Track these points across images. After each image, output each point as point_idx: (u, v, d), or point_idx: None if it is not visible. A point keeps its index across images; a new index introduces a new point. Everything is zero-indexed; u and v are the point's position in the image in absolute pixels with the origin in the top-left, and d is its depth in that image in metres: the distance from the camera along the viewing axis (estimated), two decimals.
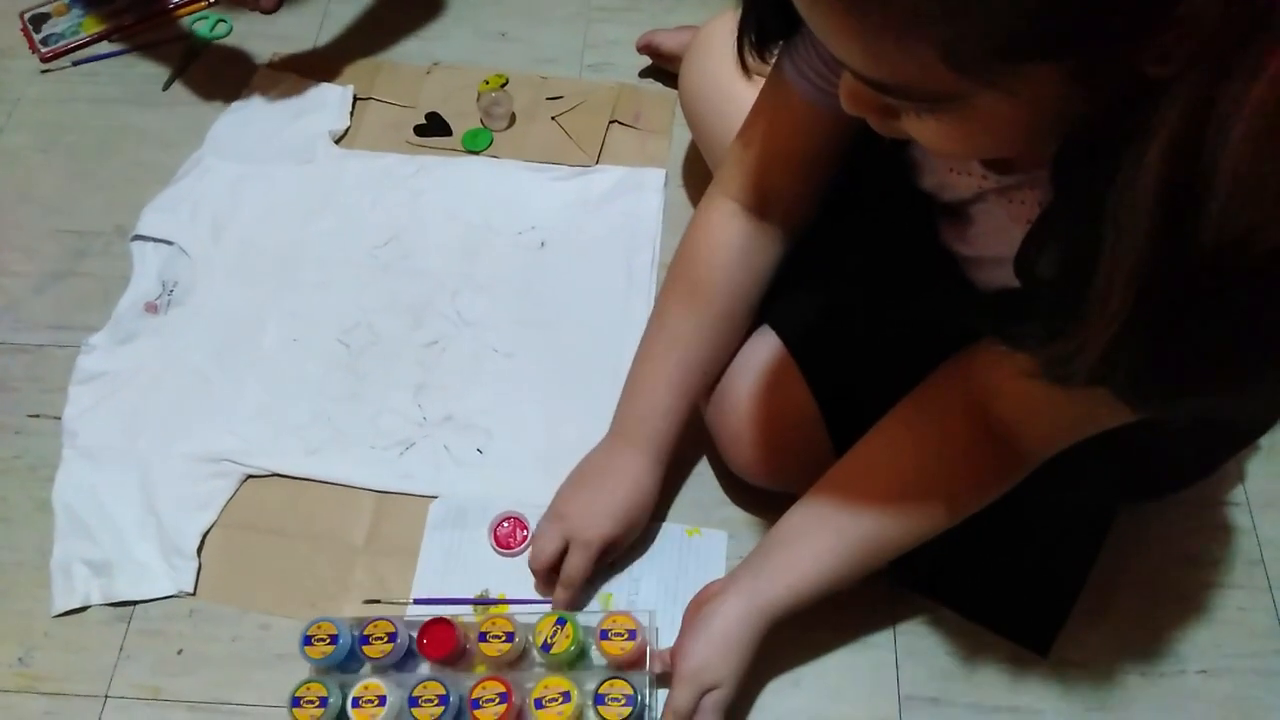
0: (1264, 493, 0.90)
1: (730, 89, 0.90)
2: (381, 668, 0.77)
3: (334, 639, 0.76)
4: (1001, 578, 0.82)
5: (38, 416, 0.94)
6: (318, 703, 0.74)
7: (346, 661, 0.77)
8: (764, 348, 0.81)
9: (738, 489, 0.89)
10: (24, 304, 1.02)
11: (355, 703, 0.72)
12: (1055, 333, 0.46)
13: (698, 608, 0.75)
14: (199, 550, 0.86)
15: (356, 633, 0.77)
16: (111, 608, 0.84)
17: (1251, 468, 0.91)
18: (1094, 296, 0.42)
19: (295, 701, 0.74)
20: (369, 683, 0.73)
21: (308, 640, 0.76)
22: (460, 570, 0.85)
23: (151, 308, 1.00)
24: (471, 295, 1.01)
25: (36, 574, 0.85)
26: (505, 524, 0.86)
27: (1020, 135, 0.45)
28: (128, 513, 0.88)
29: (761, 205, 0.77)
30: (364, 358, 0.97)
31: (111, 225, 1.07)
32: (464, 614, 0.80)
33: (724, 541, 0.86)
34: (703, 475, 0.91)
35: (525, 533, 0.85)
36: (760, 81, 0.87)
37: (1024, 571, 0.83)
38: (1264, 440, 0.87)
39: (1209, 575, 0.86)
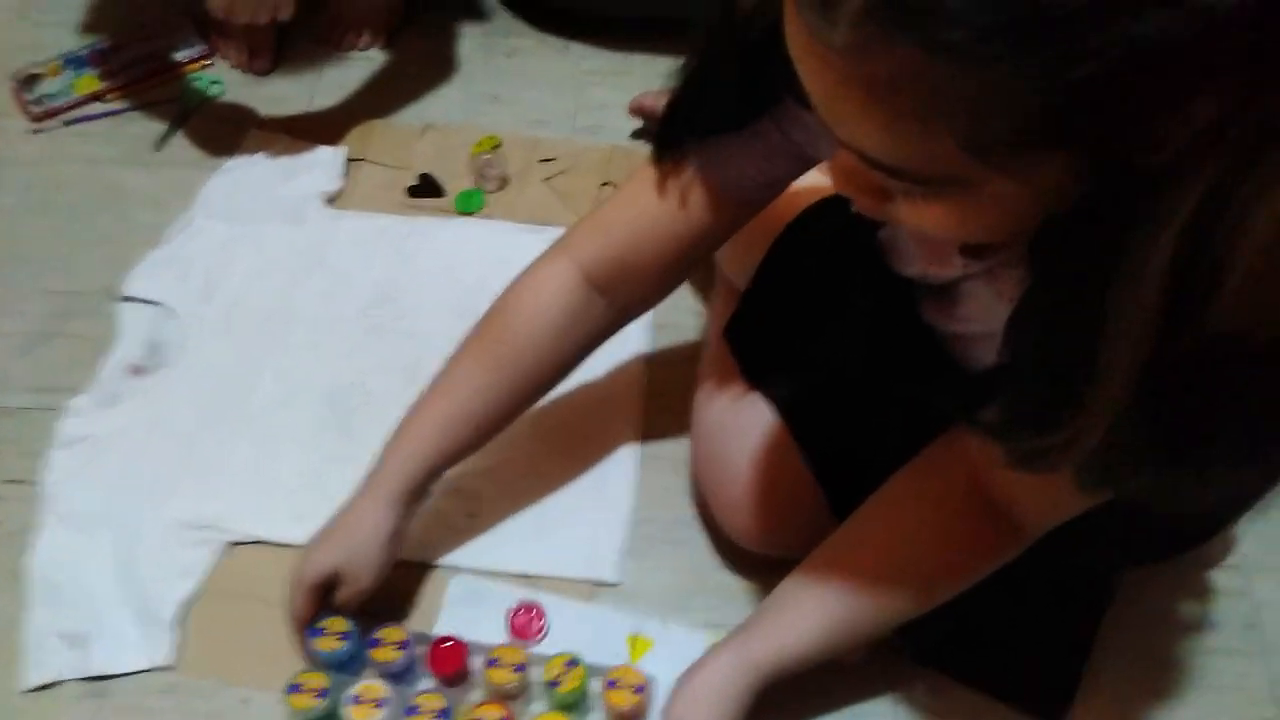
0: (1256, 554, 0.90)
1: None
2: (383, 673, 0.77)
3: (344, 635, 0.77)
4: (1008, 647, 0.81)
5: (17, 482, 0.92)
6: (316, 692, 0.74)
7: (349, 662, 0.77)
8: (757, 416, 0.81)
9: (734, 554, 0.87)
10: (7, 365, 1.00)
11: (354, 699, 0.73)
12: (1047, 423, 0.46)
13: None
14: (180, 621, 0.84)
15: (367, 635, 0.78)
16: (86, 683, 0.81)
17: (1243, 529, 0.91)
18: (1089, 386, 0.42)
19: (293, 688, 0.74)
20: (370, 684, 0.74)
21: (318, 632, 0.77)
22: None
23: (137, 370, 0.99)
24: None
25: (9, 647, 0.82)
26: (521, 613, 0.83)
27: (1015, 220, 0.45)
28: (106, 582, 0.85)
29: (611, 284, 0.73)
30: (356, 419, 0.96)
31: (100, 286, 1.06)
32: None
33: None
34: (695, 540, 0.90)
35: (542, 623, 0.83)
36: None
37: (1030, 640, 0.82)
38: None
39: (1206, 641, 0.85)
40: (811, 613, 0.71)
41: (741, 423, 0.82)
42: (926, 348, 0.71)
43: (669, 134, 0.66)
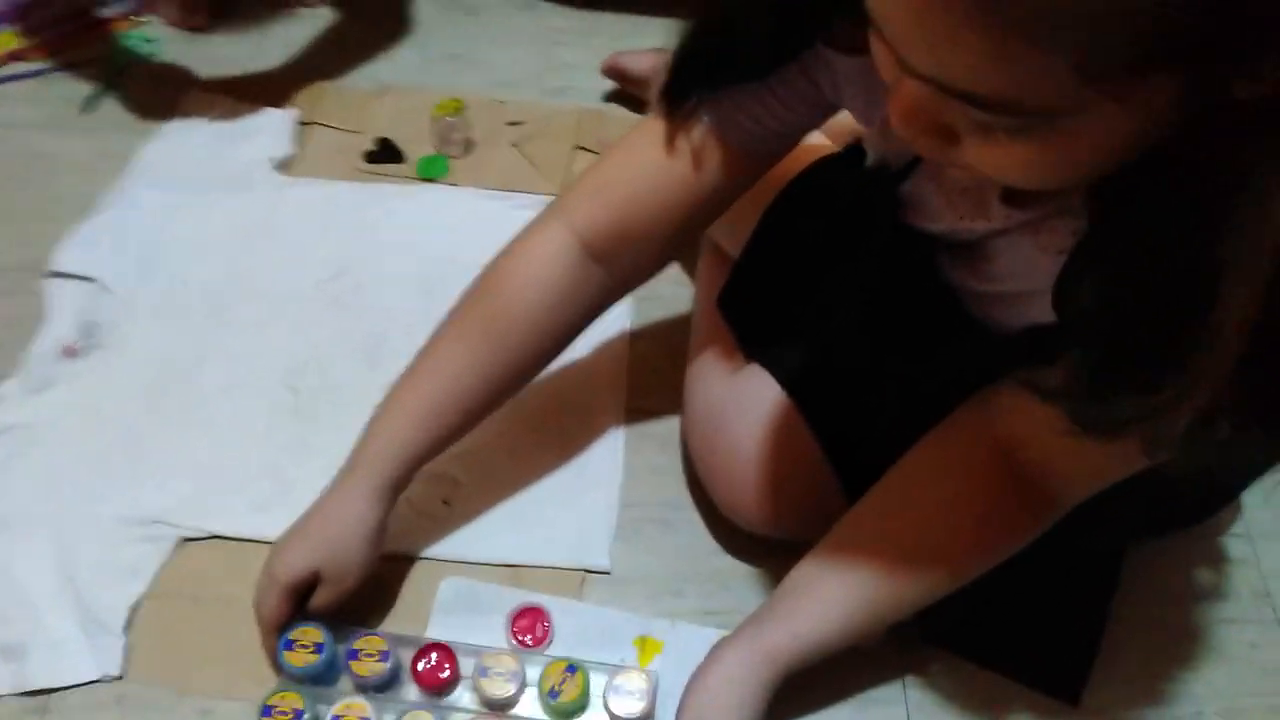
0: (1262, 522, 0.88)
1: None
2: (363, 686, 0.71)
3: (319, 647, 0.70)
4: (1021, 626, 0.78)
5: None
6: (291, 715, 0.68)
7: (325, 673, 0.71)
8: (761, 392, 0.76)
9: (729, 537, 0.82)
10: None
11: None
12: (1139, 387, 0.41)
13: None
14: (127, 626, 0.76)
15: (343, 646, 0.71)
16: (24, 698, 0.72)
17: (1248, 498, 0.89)
18: (1195, 346, 0.38)
19: (266, 711, 0.68)
20: (351, 702, 0.69)
21: (289, 645, 0.70)
22: None
23: (70, 351, 0.90)
24: (429, 331, 0.93)
25: None
26: (524, 617, 0.77)
27: (1098, 159, 0.41)
28: (42, 586, 0.76)
29: (610, 252, 0.68)
30: (314, 402, 0.89)
31: (23, 261, 0.96)
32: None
33: None
34: (688, 523, 0.85)
35: (547, 626, 0.76)
36: None
37: (1043, 618, 0.78)
38: None
39: (1217, 611, 0.83)
40: (832, 598, 0.66)
41: (742, 398, 0.76)
42: (945, 310, 0.66)
43: (680, 85, 0.60)
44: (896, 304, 0.68)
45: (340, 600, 0.71)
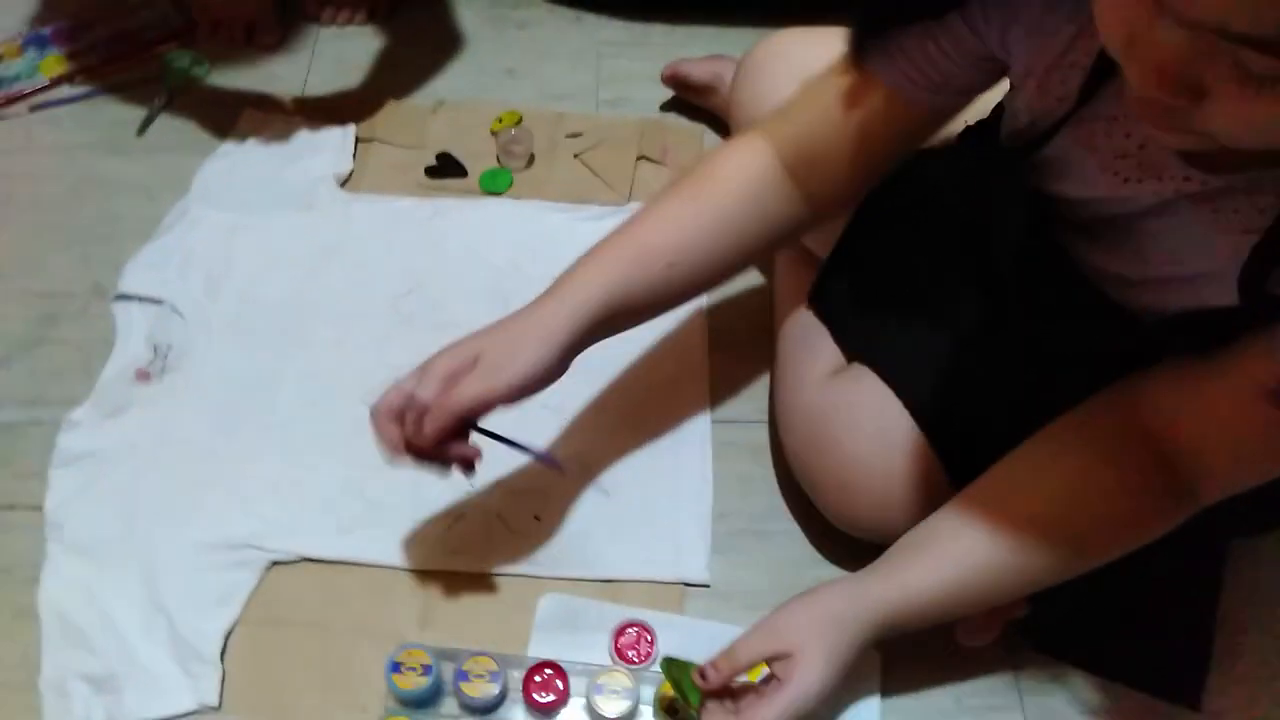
0: None
1: None
2: (471, 708, 0.70)
3: (427, 669, 0.69)
4: (1131, 631, 0.76)
5: (12, 508, 0.81)
6: None
7: (431, 696, 0.70)
8: (866, 393, 0.74)
9: (829, 545, 0.81)
10: None
11: None
12: None
13: None
14: (222, 654, 0.73)
15: (451, 666, 0.70)
16: None
17: None
18: None
19: None
20: None
21: (395, 668, 0.69)
22: None
23: (143, 375, 0.88)
24: None
25: (22, 695, 0.71)
26: (629, 632, 0.75)
27: None
28: (132, 615, 0.75)
29: (795, 163, 0.68)
30: None
31: (88, 284, 0.95)
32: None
33: (875, 664, 0.75)
34: (786, 532, 0.83)
35: (651, 643, 0.74)
36: None
37: (1152, 621, 0.77)
38: None
39: None
40: (947, 558, 0.64)
41: (846, 401, 0.75)
42: (1079, 297, 0.64)
43: (858, 31, 0.60)
44: (1023, 288, 0.67)
45: (485, 400, 0.63)
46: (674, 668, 0.66)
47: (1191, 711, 0.74)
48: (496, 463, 0.83)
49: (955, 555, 0.64)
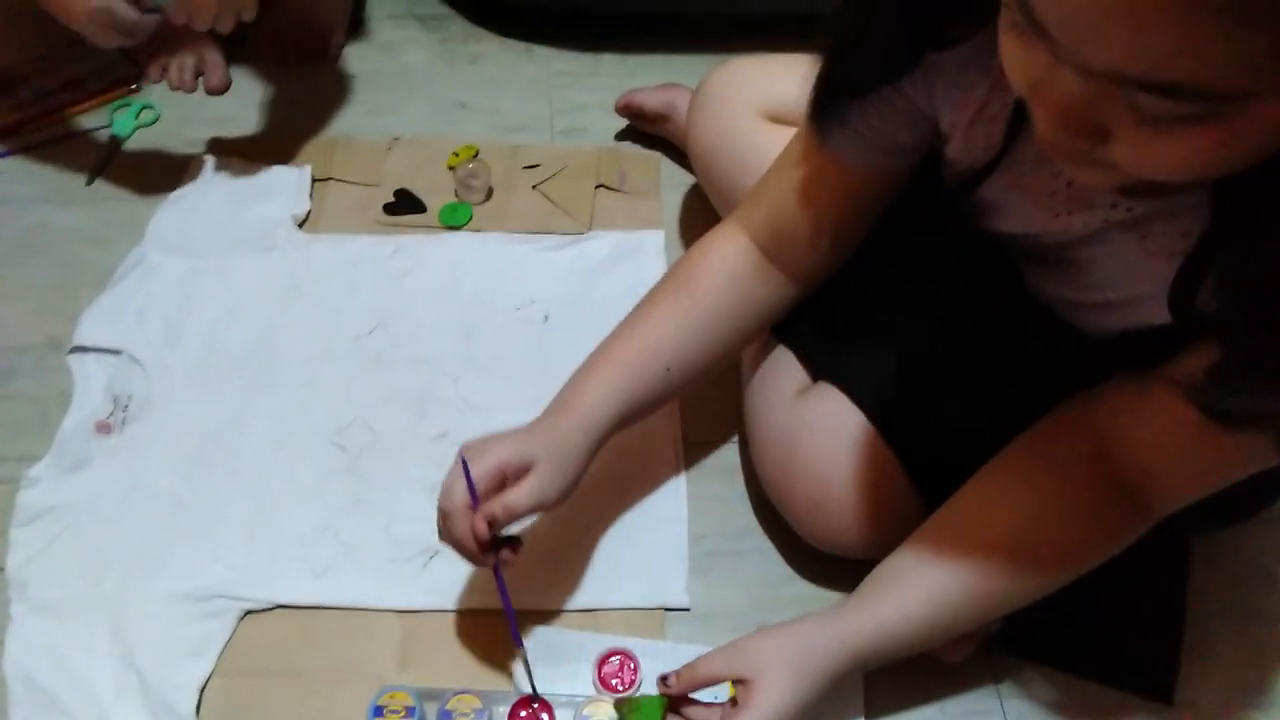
0: None
1: (753, 139, 0.86)
2: None
3: (410, 711, 0.68)
4: (1100, 629, 0.78)
5: None
6: None
7: None
8: (833, 411, 0.75)
9: (804, 562, 0.81)
10: None
11: None
12: None
13: None
14: (197, 709, 0.72)
15: (434, 705, 0.70)
16: None
17: None
18: None
19: None
20: None
21: (378, 711, 0.68)
22: None
23: (103, 427, 0.86)
24: (476, 379, 0.92)
25: None
26: (612, 660, 0.75)
27: (1264, 145, 0.40)
28: (102, 674, 0.73)
29: (772, 248, 0.73)
30: (365, 459, 0.86)
31: (42, 337, 0.93)
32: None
33: (859, 680, 0.74)
34: (761, 551, 0.83)
35: (634, 671, 0.74)
36: (782, 129, 0.84)
37: (1120, 618, 0.78)
38: None
39: None
40: (918, 591, 0.65)
41: (815, 418, 0.76)
42: (1029, 316, 0.66)
43: (812, 105, 0.63)
44: (981, 310, 0.69)
45: (535, 505, 0.65)
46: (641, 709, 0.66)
47: (1165, 705, 0.76)
48: None
49: (923, 588, 0.65)
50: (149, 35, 0.91)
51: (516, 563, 0.68)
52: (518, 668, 0.71)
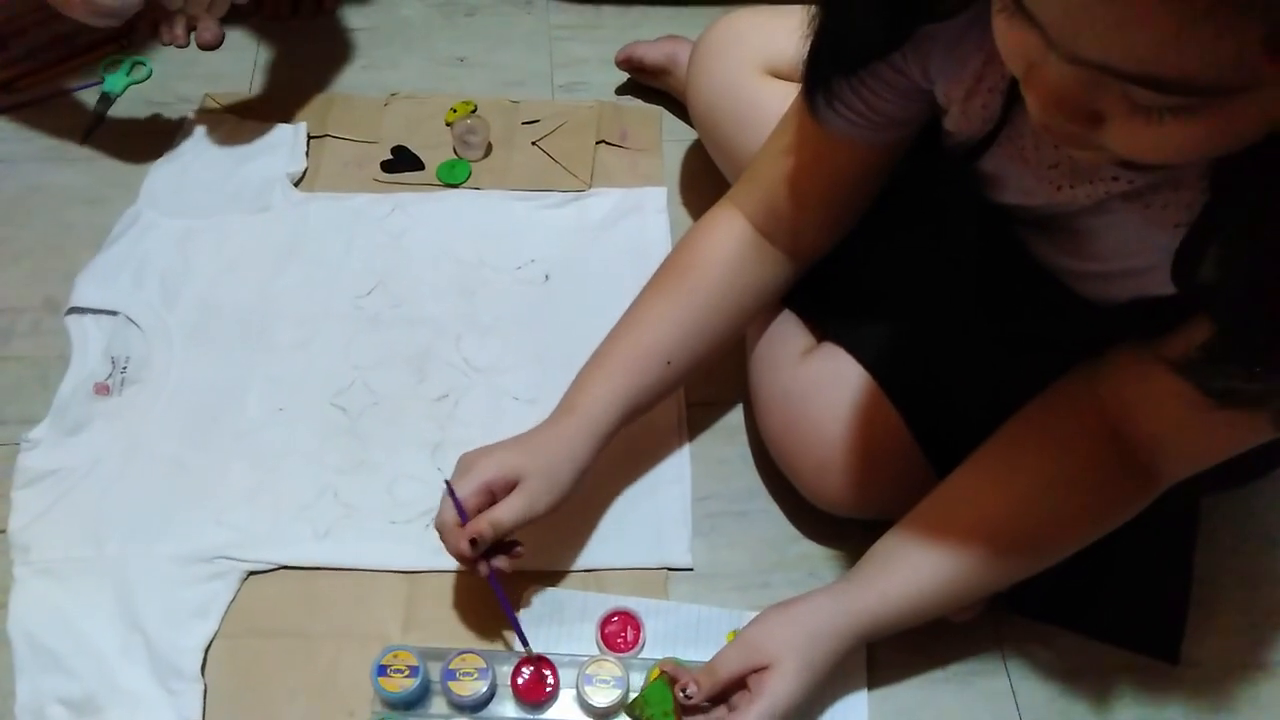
0: None
1: (754, 95, 0.84)
2: (461, 706, 0.69)
3: (413, 671, 0.68)
4: (1108, 588, 0.77)
5: None
6: None
7: (419, 697, 0.70)
8: (839, 372, 0.74)
9: (809, 523, 0.81)
10: None
11: None
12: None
13: None
14: (202, 669, 0.72)
15: (439, 666, 0.69)
16: None
17: None
18: None
19: None
20: None
21: (382, 670, 0.68)
22: None
23: (102, 389, 0.86)
24: (477, 339, 0.91)
25: None
26: (614, 619, 0.74)
27: (1257, 132, 0.39)
28: (108, 634, 0.73)
29: (769, 226, 0.73)
30: (365, 420, 0.86)
31: (39, 299, 0.92)
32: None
33: (864, 703, 0.74)
34: (766, 512, 0.83)
35: (637, 630, 0.74)
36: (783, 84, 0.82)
37: (1129, 578, 0.78)
38: None
39: None
40: (924, 565, 0.65)
41: (821, 380, 0.75)
42: (1036, 283, 0.65)
43: (816, 74, 0.62)
44: (984, 277, 0.67)
45: (523, 519, 0.66)
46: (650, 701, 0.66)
47: (1171, 665, 0.76)
48: None
49: (931, 563, 0.65)
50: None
51: (511, 568, 0.69)
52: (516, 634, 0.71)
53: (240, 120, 1.05)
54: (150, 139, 1.04)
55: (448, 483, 0.68)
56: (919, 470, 0.73)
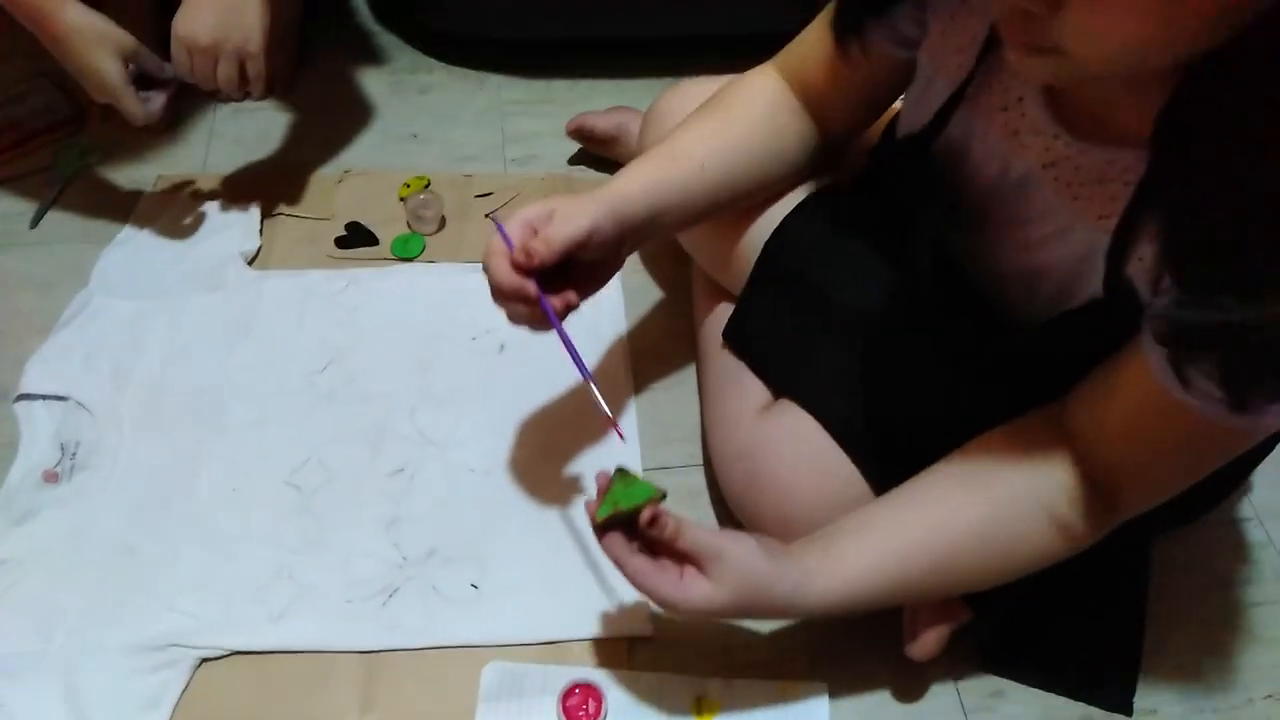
0: (1269, 502, 0.90)
1: None
2: None
3: None
4: (1065, 641, 0.78)
5: None
6: None
7: None
8: (798, 426, 0.75)
9: None
10: None
11: None
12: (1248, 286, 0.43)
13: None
14: None
15: None
16: None
17: (1254, 479, 0.91)
18: None
19: None
20: None
21: None
22: None
23: (51, 476, 0.84)
24: (433, 412, 0.91)
25: None
26: (575, 692, 0.74)
27: (1199, 24, 0.42)
28: None
29: (802, 94, 0.77)
30: (320, 498, 0.85)
31: None
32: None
33: (825, 704, 0.75)
34: None
35: (599, 701, 0.73)
36: None
37: (1084, 630, 0.79)
38: None
39: (1245, 595, 0.85)
40: (881, 567, 0.64)
41: (780, 436, 0.75)
42: (982, 327, 0.67)
43: (847, 20, 0.68)
44: (938, 324, 0.69)
45: (572, 234, 0.64)
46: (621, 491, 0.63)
47: (1126, 717, 0.77)
48: (429, 531, 0.83)
49: (888, 566, 0.64)
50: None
51: (579, 303, 0.68)
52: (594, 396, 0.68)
53: (193, 200, 1.06)
54: (102, 222, 1.04)
55: (491, 217, 0.68)
56: None
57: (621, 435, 0.67)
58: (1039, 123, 0.59)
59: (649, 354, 0.97)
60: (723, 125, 0.75)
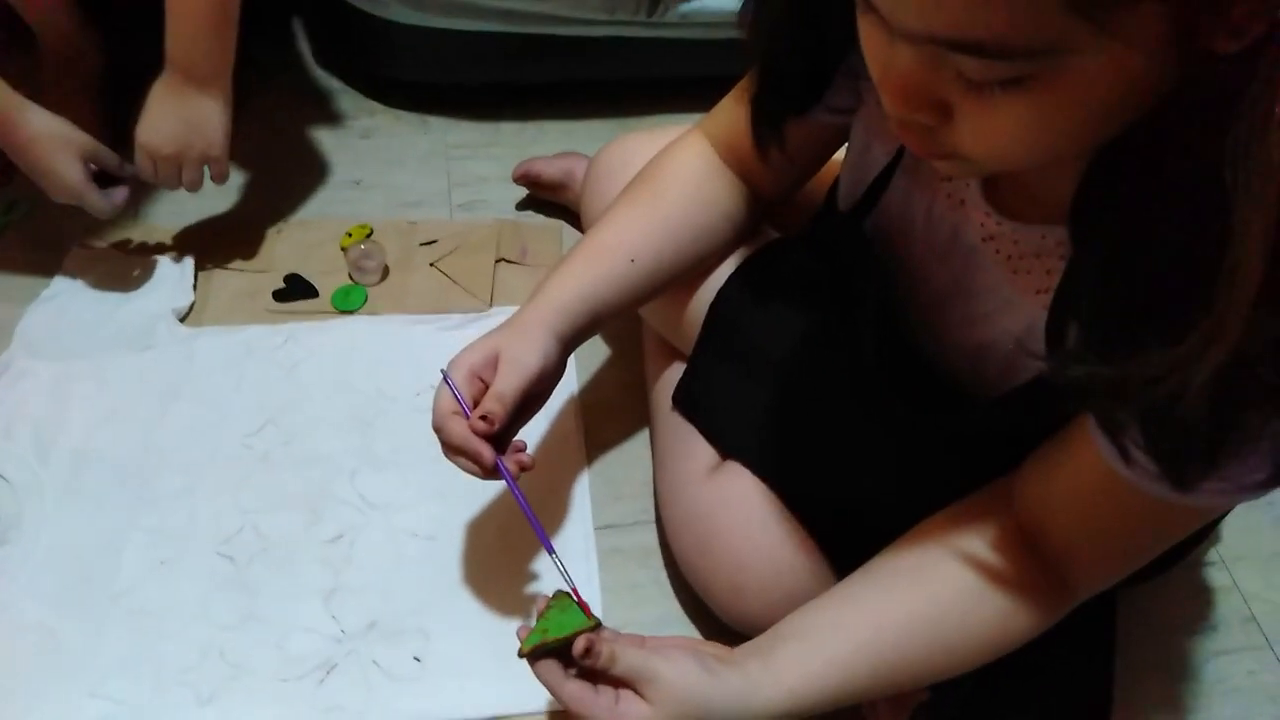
0: (1233, 546, 0.89)
1: None
2: None
3: None
4: (1031, 695, 0.76)
5: None
6: None
7: None
8: (747, 489, 0.73)
9: (730, 644, 0.78)
10: None
11: None
12: (1169, 336, 0.40)
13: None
14: None
15: None
16: None
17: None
18: (1223, 282, 0.37)
19: None
20: None
21: None
22: None
23: None
24: (374, 474, 0.87)
25: None
26: None
27: (1094, 116, 0.41)
28: None
29: (730, 160, 0.75)
30: (254, 569, 0.81)
31: None
32: None
33: None
34: (682, 626, 0.80)
35: None
36: None
37: (1051, 684, 0.76)
38: None
39: (1211, 643, 0.83)
40: (829, 671, 0.61)
41: (729, 499, 0.73)
42: (931, 394, 0.65)
43: (761, 120, 0.66)
44: (884, 391, 0.67)
45: (521, 382, 0.64)
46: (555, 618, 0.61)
47: None
48: (370, 602, 0.79)
49: (837, 665, 0.61)
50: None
51: (533, 465, 0.67)
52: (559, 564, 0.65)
53: (123, 256, 1.02)
54: (26, 280, 0.99)
55: (444, 371, 0.65)
56: (832, 583, 0.71)
57: (587, 610, 0.62)
58: (977, 199, 0.58)
59: (600, 408, 0.94)
60: (651, 209, 0.73)
